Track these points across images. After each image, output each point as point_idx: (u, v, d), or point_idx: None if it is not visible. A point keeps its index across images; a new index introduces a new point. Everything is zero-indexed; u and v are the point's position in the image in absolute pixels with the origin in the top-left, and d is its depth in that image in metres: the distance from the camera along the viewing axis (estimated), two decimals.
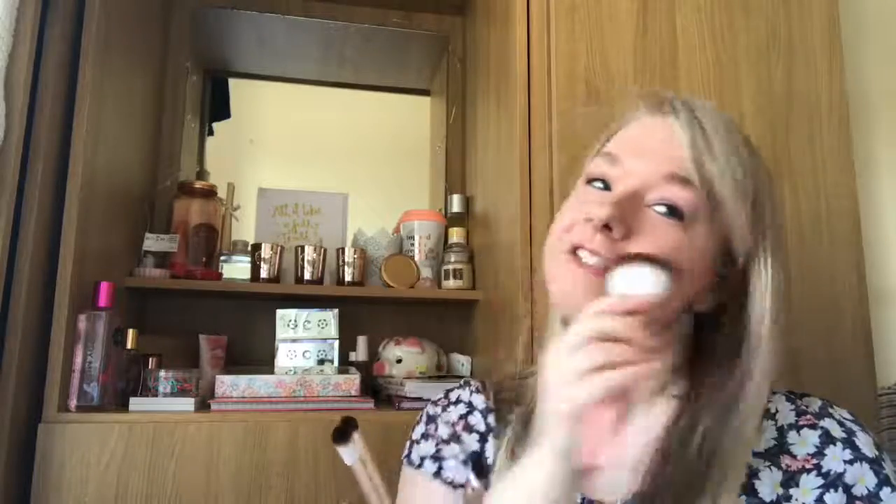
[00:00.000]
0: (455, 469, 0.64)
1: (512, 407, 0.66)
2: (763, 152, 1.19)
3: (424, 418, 0.70)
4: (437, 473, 0.64)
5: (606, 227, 0.54)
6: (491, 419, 0.67)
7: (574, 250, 0.57)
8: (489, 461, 0.65)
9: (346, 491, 1.04)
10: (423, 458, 0.66)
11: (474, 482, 0.58)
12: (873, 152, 1.45)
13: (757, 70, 1.19)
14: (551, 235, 0.60)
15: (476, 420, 0.68)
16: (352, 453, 0.43)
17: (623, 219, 0.54)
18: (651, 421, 0.58)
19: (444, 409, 0.70)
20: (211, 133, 1.57)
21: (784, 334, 0.56)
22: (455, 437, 0.67)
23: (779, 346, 0.55)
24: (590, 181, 0.60)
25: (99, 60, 1.11)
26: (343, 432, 0.43)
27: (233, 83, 1.60)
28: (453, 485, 0.63)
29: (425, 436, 0.68)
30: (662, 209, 0.55)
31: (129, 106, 1.28)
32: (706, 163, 0.55)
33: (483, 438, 0.66)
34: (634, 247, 0.54)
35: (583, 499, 0.59)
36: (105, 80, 1.14)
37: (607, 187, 0.59)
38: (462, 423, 0.67)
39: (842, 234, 1.17)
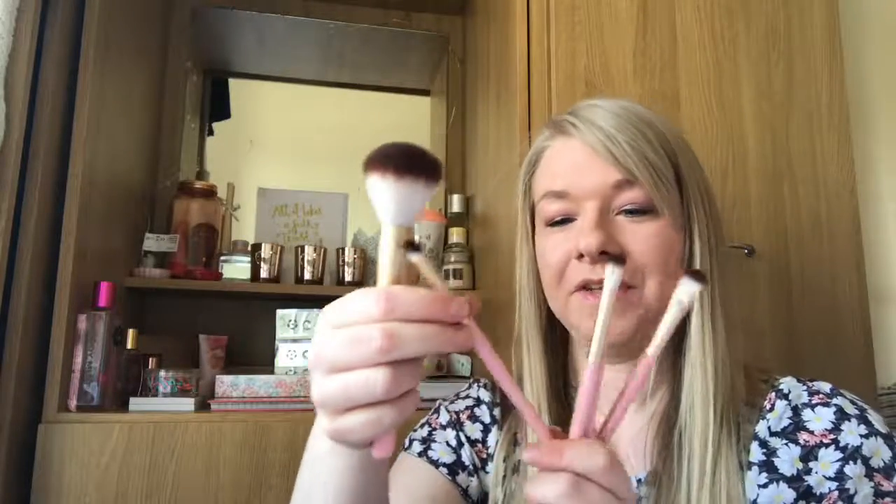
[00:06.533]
0: (441, 450, 0.67)
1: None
2: (763, 152, 1.20)
3: (432, 410, 0.74)
4: (423, 453, 0.67)
5: (603, 254, 0.56)
6: (497, 412, 0.71)
7: (581, 287, 0.59)
8: (490, 450, 0.68)
9: None
10: (412, 441, 0.70)
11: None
12: (873, 152, 1.45)
13: (757, 70, 1.19)
14: (549, 287, 0.63)
15: (482, 412, 0.72)
16: None
17: (611, 237, 0.57)
18: (653, 406, 0.62)
19: (451, 403, 0.74)
20: (211, 133, 1.57)
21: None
22: (455, 424, 0.70)
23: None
24: (550, 224, 0.62)
25: (99, 60, 1.10)
26: None
27: (233, 83, 1.60)
28: (436, 464, 0.66)
29: (423, 424, 0.72)
30: (630, 212, 0.58)
31: (129, 106, 1.28)
32: (622, 159, 0.58)
33: (486, 429, 0.70)
34: (634, 258, 0.57)
35: None
36: (105, 79, 1.13)
37: (569, 220, 0.61)
38: (468, 412, 0.72)
39: (842, 234, 1.17)
